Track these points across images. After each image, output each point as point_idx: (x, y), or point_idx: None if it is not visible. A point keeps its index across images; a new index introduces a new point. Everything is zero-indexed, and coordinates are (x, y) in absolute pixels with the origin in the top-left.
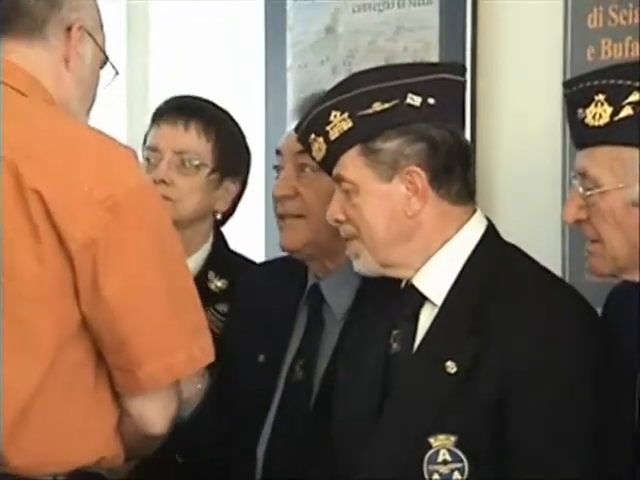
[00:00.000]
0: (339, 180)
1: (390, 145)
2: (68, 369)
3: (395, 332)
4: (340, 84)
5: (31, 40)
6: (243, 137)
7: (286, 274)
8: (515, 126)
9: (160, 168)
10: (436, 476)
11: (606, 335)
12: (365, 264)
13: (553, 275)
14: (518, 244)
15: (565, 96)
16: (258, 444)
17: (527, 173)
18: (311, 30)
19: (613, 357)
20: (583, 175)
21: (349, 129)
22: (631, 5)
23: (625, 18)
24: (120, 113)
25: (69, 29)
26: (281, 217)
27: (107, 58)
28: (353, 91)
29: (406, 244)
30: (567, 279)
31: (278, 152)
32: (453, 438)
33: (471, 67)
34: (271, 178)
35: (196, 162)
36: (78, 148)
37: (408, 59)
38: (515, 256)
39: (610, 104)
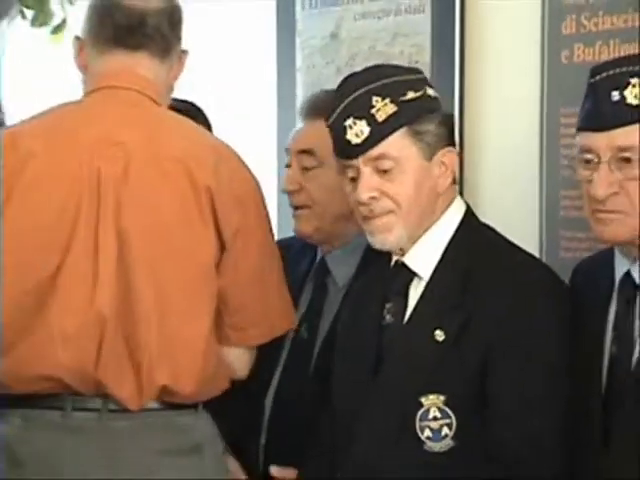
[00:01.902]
0: (379, 158)
1: (430, 127)
2: (214, 326)
3: (388, 305)
4: (361, 74)
5: (162, 60)
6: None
7: (301, 249)
8: (498, 120)
9: None
10: (427, 431)
11: (569, 303)
12: (396, 236)
13: (525, 251)
14: (502, 225)
15: (592, 83)
16: (266, 395)
17: (509, 163)
18: (318, 36)
19: (579, 325)
20: (625, 150)
21: (394, 113)
22: (601, 13)
23: (595, 25)
24: None
25: (180, 55)
26: (293, 208)
27: None
28: (385, 79)
29: (427, 220)
30: (544, 256)
31: (287, 150)
32: (442, 397)
33: (459, 67)
34: (283, 172)
35: None
36: (223, 153)
37: (403, 62)
38: (491, 235)
39: None
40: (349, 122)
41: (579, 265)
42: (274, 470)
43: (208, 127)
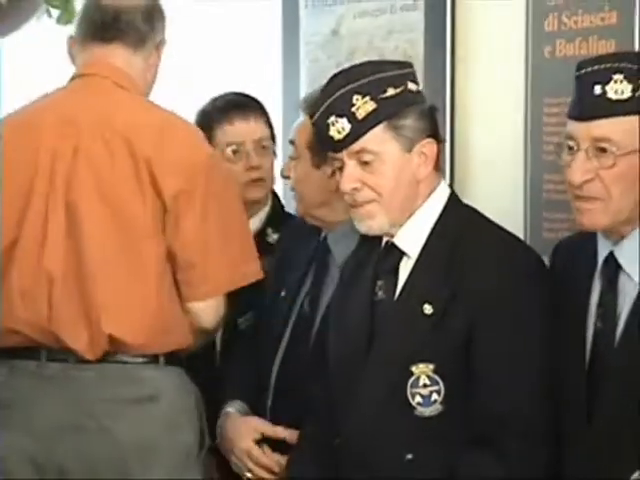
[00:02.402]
0: (360, 152)
1: (409, 122)
2: (168, 283)
3: (379, 282)
4: (346, 73)
5: (135, 50)
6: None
7: (308, 230)
8: (486, 110)
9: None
10: (418, 398)
11: (550, 279)
12: (379, 223)
13: (506, 230)
14: (489, 207)
15: (578, 76)
16: (274, 362)
17: (496, 150)
18: (320, 32)
19: (562, 301)
20: (601, 140)
21: (373, 110)
22: (580, 12)
23: (575, 22)
24: None
25: (157, 46)
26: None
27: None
28: (366, 78)
29: (409, 205)
30: (528, 235)
31: (292, 142)
32: (431, 366)
33: (450, 61)
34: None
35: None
36: (170, 126)
37: (399, 56)
38: (475, 216)
39: (629, 82)
40: (331, 119)
41: (560, 244)
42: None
43: (267, 118)
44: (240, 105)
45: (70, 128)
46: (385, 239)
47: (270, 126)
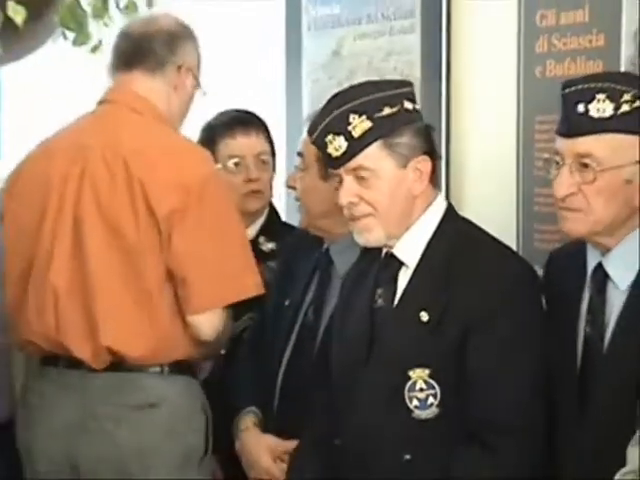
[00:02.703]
0: (357, 169)
1: (404, 139)
2: (168, 298)
3: (379, 291)
4: (345, 93)
5: (154, 74)
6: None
7: (311, 241)
8: (480, 127)
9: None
10: (415, 401)
11: (541, 288)
12: (376, 236)
13: (500, 242)
14: (484, 219)
15: (563, 94)
16: (280, 367)
17: (490, 165)
18: (321, 53)
19: (554, 309)
20: (584, 156)
21: (369, 128)
22: (569, 34)
23: (565, 44)
24: None
25: (179, 68)
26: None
27: (200, 85)
28: (363, 98)
29: (406, 219)
30: (520, 246)
31: (300, 154)
32: (427, 371)
33: (446, 80)
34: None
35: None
36: (168, 149)
37: (397, 76)
38: (470, 228)
39: (611, 101)
40: (329, 138)
41: (553, 254)
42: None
43: (268, 134)
44: (243, 121)
45: (81, 153)
46: (385, 250)
47: (270, 142)
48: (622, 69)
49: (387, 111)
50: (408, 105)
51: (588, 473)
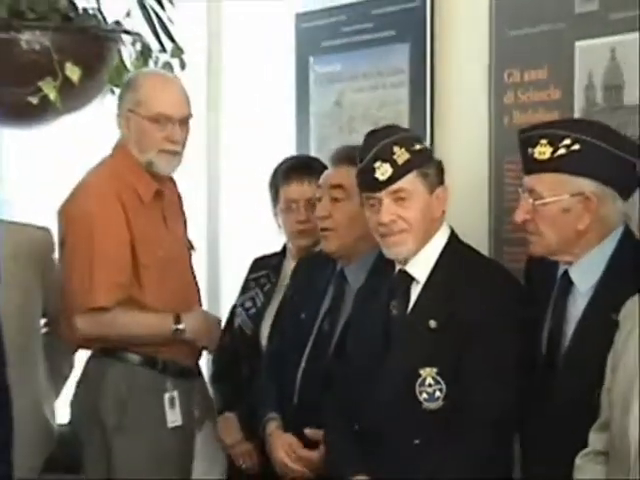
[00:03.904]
0: (398, 191)
1: (431, 171)
2: None
3: (393, 302)
4: (385, 130)
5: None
6: None
7: (324, 261)
8: (459, 165)
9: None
10: (424, 395)
11: (525, 296)
12: (408, 248)
13: (493, 261)
14: (462, 228)
15: (519, 139)
16: (297, 373)
17: (467, 197)
18: (325, 104)
19: (530, 316)
20: (531, 191)
21: (408, 159)
22: (531, 89)
23: (528, 97)
24: None
25: (128, 110)
26: (322, 230)
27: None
28: (401, 133)
29: (427, 238)
30: (493, 251)
31: (339, 186)
32: (435, 369)
33: (430, 128)
34: None
35: None
36: (79, 184)
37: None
38: (469, 250)
39: (551, 146)
40: (377, 164)
41: (529, 262)
42: (307, 432)
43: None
44: (298, 170)
45: None
46: (398, 267)
47: None
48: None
49: (418, 147)
50: (424, 144)
51: (551, 453)
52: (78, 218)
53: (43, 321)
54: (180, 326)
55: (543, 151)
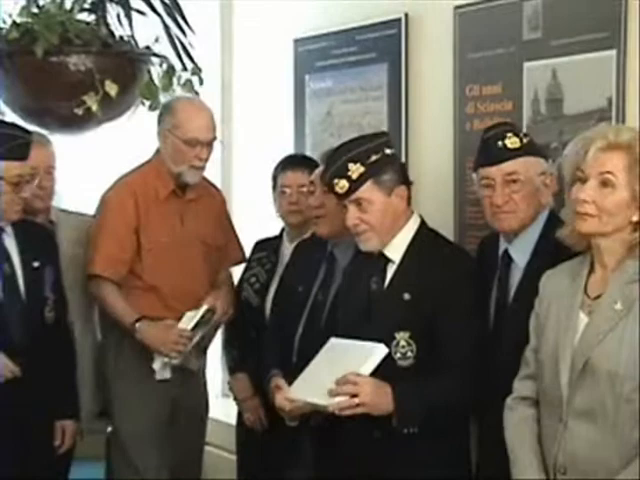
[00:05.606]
0: (357, 200)
1: (387, 176)
2: None
3: (373, 278)
4: (343, 147)
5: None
6: None
7: (317, 244)
8: (430, 164)
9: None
10: (398, 354)
11: (478, 272)
12: (373, 244)
13: (454, 244)
14: (432, 216)
15: (485, 138)
16: (295, 336)
17: (436, 190)
18: (318, 114)
19: (482, 284)
20: (511, 174)
21: (363, 172)
22: (488, 101)
23: (485, 108)
24: None
25: (164, 131)
26: (315, 217)
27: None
28: (356, 149)
29: (393, 230)
30: (457, 236)
31: (311, 181)
32: (407, 333)
33: (405, 134)
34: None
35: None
36: (114, 181)
37: (371, 130)
38: (436, 236)
39: (516, 137)
40: (335, 181)
41: (482, 243)
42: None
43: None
44: (293, 162)
45: None
46: (378, 250)
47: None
48: (524, 125)
49: (374, 157)
50: (387, 151)
51: (499, 394)
52: (101, 204)
53: None
54: (136, 326)
55: (514, 141)
